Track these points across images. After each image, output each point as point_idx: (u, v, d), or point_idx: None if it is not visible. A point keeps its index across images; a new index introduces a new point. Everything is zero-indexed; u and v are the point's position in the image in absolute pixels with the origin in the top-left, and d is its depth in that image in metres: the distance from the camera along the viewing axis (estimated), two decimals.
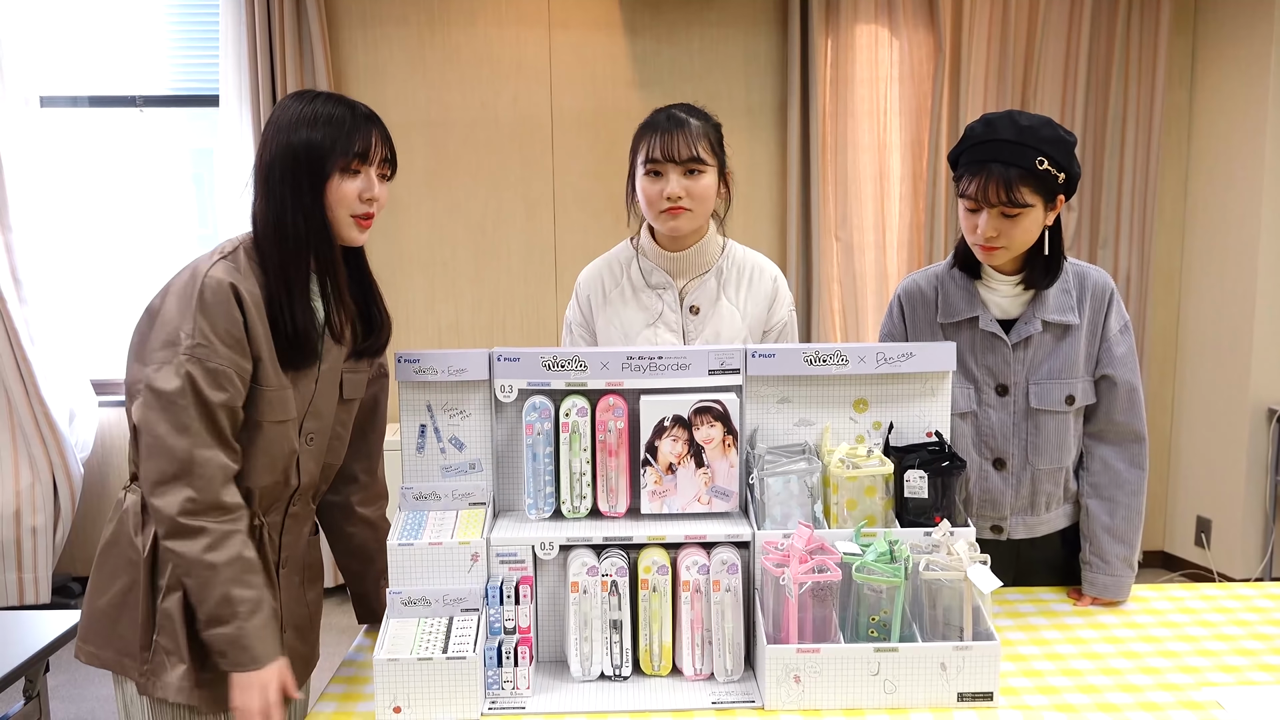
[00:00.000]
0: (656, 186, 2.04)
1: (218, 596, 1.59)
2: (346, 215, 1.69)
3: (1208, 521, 4.55)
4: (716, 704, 1.66)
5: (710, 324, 2.14)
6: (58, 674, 3.76)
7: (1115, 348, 2.04)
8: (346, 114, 1.67)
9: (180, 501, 1.58)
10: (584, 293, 2.21)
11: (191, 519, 1.58)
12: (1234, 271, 4.36)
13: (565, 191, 4.51)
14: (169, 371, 1.58)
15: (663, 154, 2.02)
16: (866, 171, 4.48)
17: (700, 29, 4.44)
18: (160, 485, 1.58)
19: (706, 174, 2.05)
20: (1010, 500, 2.09)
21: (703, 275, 2.15)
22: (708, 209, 2.09)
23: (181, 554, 1.59)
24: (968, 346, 2.05)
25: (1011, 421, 2.05)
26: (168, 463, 1.58)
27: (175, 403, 1.58)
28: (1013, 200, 1.89)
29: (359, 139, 1.67)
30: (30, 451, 4.18)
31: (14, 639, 2.27)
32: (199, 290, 1.60)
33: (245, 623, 1.60)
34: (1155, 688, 1.71)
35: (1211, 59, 4.46)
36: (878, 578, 1.65)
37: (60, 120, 4.47)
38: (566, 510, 1.84)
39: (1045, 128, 1.91)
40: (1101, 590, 2.05)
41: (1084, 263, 2.09)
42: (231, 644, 1.60)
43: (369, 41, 4.38)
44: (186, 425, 1.58)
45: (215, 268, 1.62)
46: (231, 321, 1.60)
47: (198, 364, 1.58)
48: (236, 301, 1.61)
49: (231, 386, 1.61)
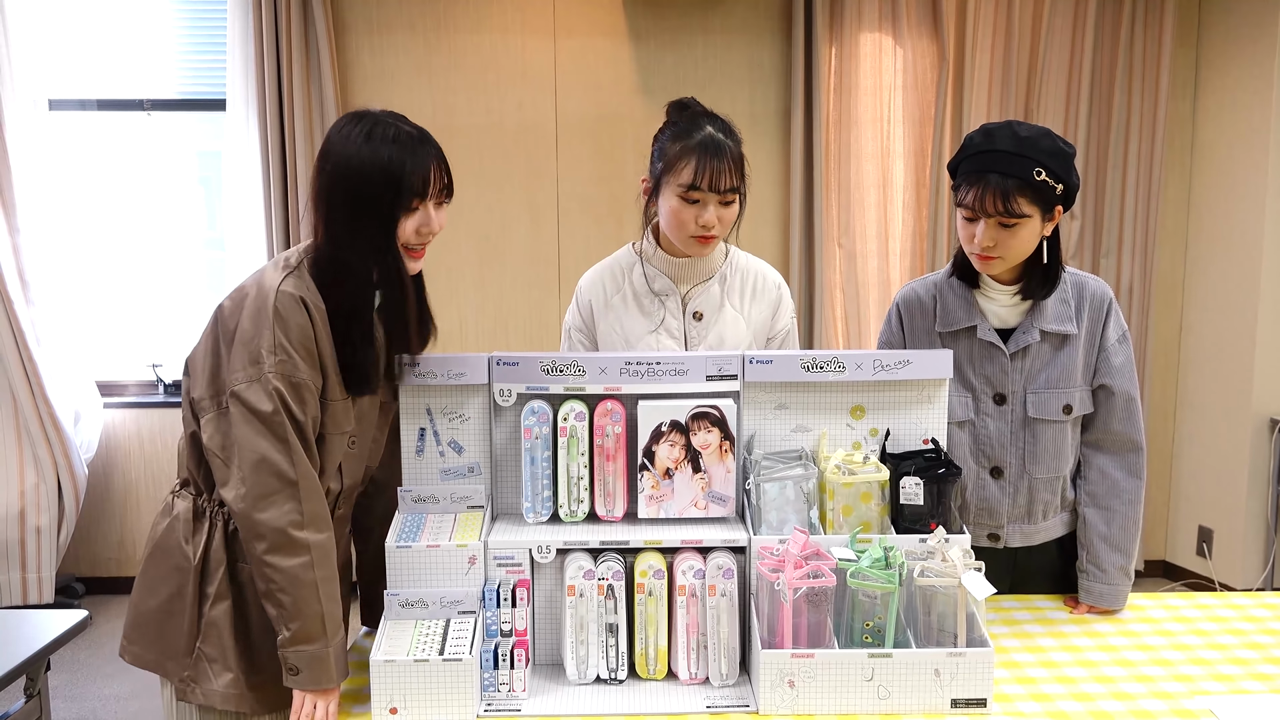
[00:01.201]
0: (691, 212, 2.00)
1: (312, 613, 1.61)
2: (401, 249, 1.71)
3: (1209, 531, 4.55)
4: (711, 708, 1.67)
5: (714, 330, 2.12)
6: (60, 673, 3.77)
7: (1113, 357, 2.04)
8: (406, 156, 1.66)
9: (287, 515, 1.60)
10: (585, 298, 2.18)
11: (299, 532, 1.61)
12: (1236, 282, 4.36)
13: (569, 197, 4.53)
14: (259, 390, 1.61)
15: (708, 185, 1.97)
16: (869, 179, 4.49)
17: (704, 36, 4.46)
18: (264, 499, 1.60)
19: (736, 200, 2.05)
20: (1007, 509, 2.09)
21: (706, 282, 2.14)
22: (729, 231, 2.10)
23: (283, 569, 1.60)
24: (965, 355, 2.06)
25: (1009, 430, 2.06)
26: (273, 478, 1.61)
27: (273, 419, 1.61)
28: (1009, 210, 1.89)
29: (418, 179, 1.67)
30: (35, 452, 4.21)
31: (16, 637, 2.28)
32: (273, 305, 1.63)
33: (332, 641, 1.63)
34: (1148, 696, 1.72)
35: (1215, 69, 4.47)
36: (872, 584, 1.66)
37: (68, 123, 4.50)
38: (564, 514, 1.85)
39: (1044, 139, 1.92)
40: (1098, 599, 2.05)
41: (1083, 272, 2.09)
42: (313, 662, 1.62)
43: (375, 47, 4.41)
44: (286, 440, 1.61)
45: (285, 282, 1.66)
46: (305, 335, 1.64)
47: (284, 380, 1.62)
48: (309, 318, 1.65)
49: (312, 399, 1.66)
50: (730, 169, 2.00)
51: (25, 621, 2.39)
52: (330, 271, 1.69)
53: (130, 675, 3.79)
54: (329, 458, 1.74)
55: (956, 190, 1.98)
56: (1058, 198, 1.93)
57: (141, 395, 4.62)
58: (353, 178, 1.65)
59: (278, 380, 1.61)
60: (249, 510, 1.61)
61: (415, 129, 1.72)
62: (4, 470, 4.23)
